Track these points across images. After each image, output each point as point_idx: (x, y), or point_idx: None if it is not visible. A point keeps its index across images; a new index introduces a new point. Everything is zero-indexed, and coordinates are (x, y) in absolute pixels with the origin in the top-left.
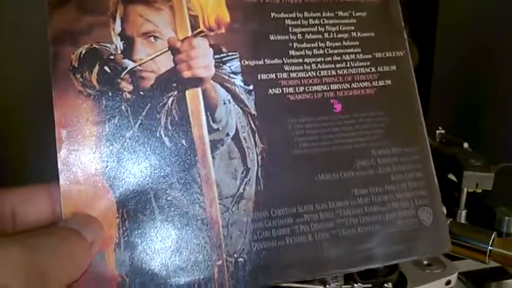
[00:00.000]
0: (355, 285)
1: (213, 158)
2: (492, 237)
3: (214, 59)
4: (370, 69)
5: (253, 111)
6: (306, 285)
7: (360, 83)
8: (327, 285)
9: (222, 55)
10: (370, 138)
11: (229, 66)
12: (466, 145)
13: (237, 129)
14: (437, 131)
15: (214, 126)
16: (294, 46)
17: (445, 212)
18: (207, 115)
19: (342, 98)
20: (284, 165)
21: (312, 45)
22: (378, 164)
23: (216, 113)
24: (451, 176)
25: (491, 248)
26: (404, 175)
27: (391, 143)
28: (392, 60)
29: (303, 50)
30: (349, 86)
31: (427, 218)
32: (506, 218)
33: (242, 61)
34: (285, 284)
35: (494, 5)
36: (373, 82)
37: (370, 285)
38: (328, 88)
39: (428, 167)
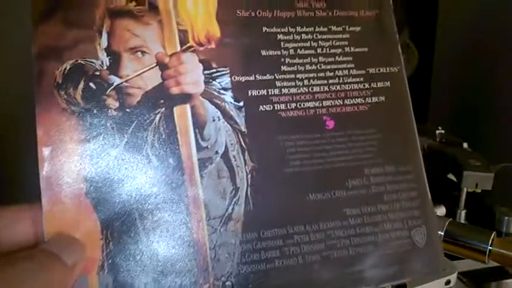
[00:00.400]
0: None
1: (201, 177)
2: (492, 237)
3: (204, 74)
4: (364, 85)
5: (243, 129)
6: None
7: (353, 100)
8: None
9: (211, 71)
10: (363, 156)
11: (219, 82)
12: (465, 145)
13: (226, 147)
14: (437, 131)
15: (203, 144)
16: (286, 61)
17: (445, 212)
18: (195, 133)
19: (334, 114)
20: (274, 184)
21: (305, 61)
22: (371, 183)
23: (205, 130)
24: (451, 176)
25: (490, 247)
26: (398, 194)
27: (384, 161)
28: (387, 76)
29: (295, 66)
30: (342, 103)
31: (421, 239)
32: (506, 217)
33: (232, 77)
34: None
35: (494, 5)
36: (367, 98)
37: None
38: (321, 104)
39: (422, 186)
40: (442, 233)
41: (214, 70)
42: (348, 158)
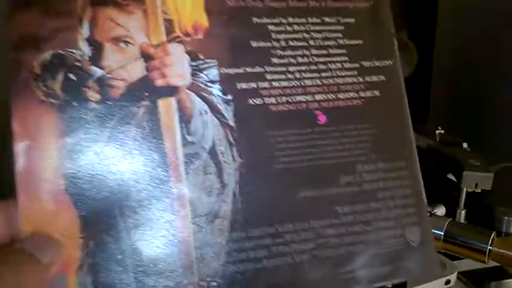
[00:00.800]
0: None
1: (187, 173)
2: (491, 237)
3: (191, 66)
4: (358, 79)
5: (231, 123)
6: None
7: (346, 94)
8: None
9: (198, 62)
10: (356, 152)
11: (206, 75)
12: (465, 145)
13: (213, 142)
14: (437, 131)
15: (189, 138)
16: (277, 54)
17: (445, 212)
18: (181, 127)
19: (326, 109)
20: (264, 181)
21: (296, 53)
22: (364, 180)
23: (191, 124)
24: (451, 176)
25: (490, 247)
26: (392, 192)
27: (378, 157)
28: (381, 70)
29: (287, 58)
30: (334, 97)
31: (415, 238)
32: (506, 217)
33: (221, 69)
34: None
35: (494, 4)
36: (360, 92)
37: None
38: (313, 99)
39: (416, 183)
40: (442, 233)
41: (201, 62)
42: (340, 154)
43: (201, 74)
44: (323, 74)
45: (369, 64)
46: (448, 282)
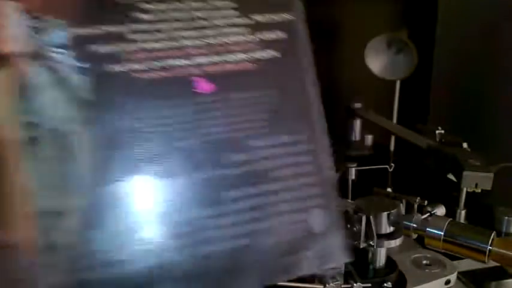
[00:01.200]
0: (355, 284)
1: (29, 161)
2: (491, 237)
3: (29, 28)
4: (250, 37)
5: (86, 96)
6: (305, 284)
7: (236, 55)
8: (327, 285)
9: (40, 23)
10: (248, 125)
11: (51, 38)
12: (465, 145)
13: (63, 121)
14: (437, 131)
15: (30, 119)
16: (144, 8)
17: (445, 212)
18: (19, 105)
19: (211, 75)
20: (130, 167)
21: (170, 7)
22: (257, 158)
23: (33, 101)
24: (450, 176)
25: (490, 247)
26: (291, 170)
27: (274, 130)
28: (281, 26)
29: (157, 13)
30: (221, 59)
31: (320, 223)
32: (506, 217)
33: (70, 30)
34: (283, 283)
35: (494, 4)
36: (254, 53)
37: (370, 285)
38: (193, 63)
39: (321, 159)
40: (442, 233)
41: (44, 22)
42: (229, 128)
43: (44, 38)
44: (206, 32)
45: (264, 19)
46: (448, 282)
